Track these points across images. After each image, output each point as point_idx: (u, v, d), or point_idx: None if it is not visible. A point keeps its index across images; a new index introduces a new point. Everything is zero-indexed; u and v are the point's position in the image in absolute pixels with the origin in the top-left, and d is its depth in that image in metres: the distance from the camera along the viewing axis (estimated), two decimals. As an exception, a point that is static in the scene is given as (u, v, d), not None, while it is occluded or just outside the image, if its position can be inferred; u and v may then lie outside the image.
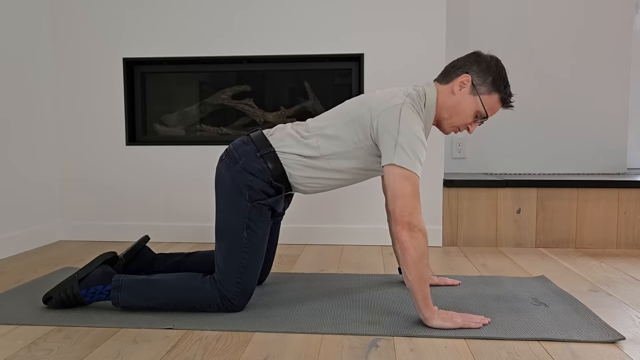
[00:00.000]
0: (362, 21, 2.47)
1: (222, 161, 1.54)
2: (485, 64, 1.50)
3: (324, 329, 1.37)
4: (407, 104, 1.43)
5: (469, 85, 1.49)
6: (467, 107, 1.51)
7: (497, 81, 1.49)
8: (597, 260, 2.22)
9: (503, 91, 1.51)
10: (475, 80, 1.49)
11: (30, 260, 2.21)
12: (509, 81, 1.52)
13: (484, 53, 1.53)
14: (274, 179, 1.49)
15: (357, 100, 1.54)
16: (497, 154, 2.93)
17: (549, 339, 1.30)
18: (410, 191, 1.36)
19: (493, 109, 1.52)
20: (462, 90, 1.50)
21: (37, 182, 2.51)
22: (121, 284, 1.48)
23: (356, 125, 1.47)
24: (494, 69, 1.49)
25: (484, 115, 1.52)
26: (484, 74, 1.49)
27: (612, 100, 2.88)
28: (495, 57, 1.53)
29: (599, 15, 2.85)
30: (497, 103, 1.52)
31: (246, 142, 1.53)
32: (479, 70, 1.49)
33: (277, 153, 1.50)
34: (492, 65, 1.50)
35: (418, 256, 1.34)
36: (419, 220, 1.35)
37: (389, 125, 1.40)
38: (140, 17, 2.56)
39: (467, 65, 1.51)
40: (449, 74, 1.53)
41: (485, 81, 1.49)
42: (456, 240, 2.53)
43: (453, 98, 1.51)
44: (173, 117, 2.70)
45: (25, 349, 1.26)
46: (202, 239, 2.59)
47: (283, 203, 1.60)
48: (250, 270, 1.49)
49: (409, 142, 1.38)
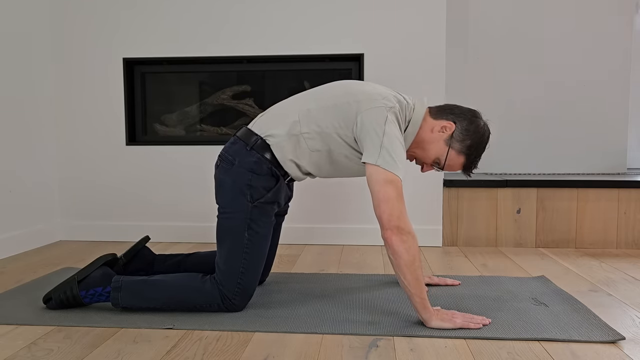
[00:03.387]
0: (362, 21, 2.47)
1: (219, 167, 1.54)
2: (474, 127, 1.51)
3: (324, 329, 1.37)
4: (394, 110, 1.43)
5: (448, 134, 1.50)
6: (434, 150, 1.52)
7: (472, 147, 1.51)
8: (597, 260, 2.22)
9: (471, 160, 1.54)
10: (456, 134, 1.50)
11: (30, 260, 2.21)
12: (481, 155, 1.54)
13: (482, 118, 1.55)
14: (272, 166, 1.49)
15: (344, 87, 1.52)
16: (497, 154, 2.93)
17: (549, 339, 1.30)
18: (395, 195, 1.35)
19: (452, 167, 1.55)
20: (440, 133, 1.51)
21: (37, 182, 2.51)
22: (121, 284, 1.48)
23: (338, 112, 1.46)
24: (478, 136, 1.51)
25: (441, 167, 1.54)
26: (467, 135, 1.50)
27: (612, 100, 2.88)
28: (487, 127, 1.55)
29: (599, 15, 2.85)
30: (459, 165, 1.55)
31: (234, 142, 1.53)
32: (465, 128, 1.50)
33: (264, 138, 1.50)
34: (480, 133, 1.52)
35: (411, 259, 1.34)
36: (407, 223, 1.35)
37: (375, 124, 1.39)
38: (140, 17, 2.56)
39: (460, 117, 1.52)
40: (443, 112, 1.54)
41: (463, 141, 1.50)
42: (456, 240, 2.53)
43: (429, 135, 1.52)
44: (173, 117, 2.70)
45: (25, 349, 1.26)
46: (202, 239, 2.59)
47: (286, 191, 1.59)
48: (251, 271, 1.49)
49: (393, 144, 1.38)
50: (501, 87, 2.91)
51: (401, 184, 1.38)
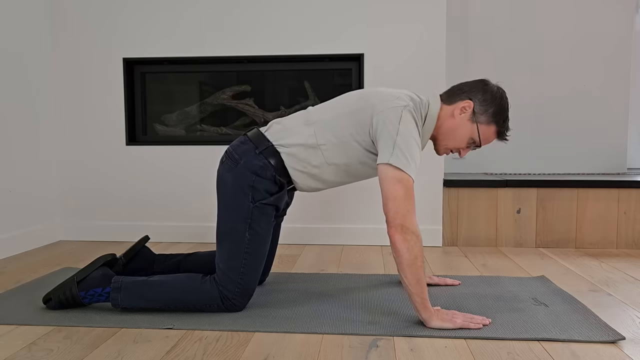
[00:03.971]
0: (362, 21, 2.47)
1: (223, 163, 1.54)
2: (490, 95, 1.50)
3: (324, 329, 1.37)
4: (409, 108, 1.43)
5: (470, 112, 1.49)
6: (464, 133, 1.51)
7: (497, 114, 1.50)
8: (597, 260, 2.22)
9: (502, 125, 1.52)
10: (477, 108, 1.49)
11: (30, 260, 2.21)
12: (509, 115, 1.52)
13: (492, 83, 1.53)
14: (277, 174, 1.49)
15: (359, 94, 1.53)
16: (497, 154, 2.93)
17: (549, 339, 1.30)
18: (402, 193, 1.36)
19: (488, 139, 1.54)
20: (462, 115, 1.50)
21: (37, 182, 2.51)
22: (121, 285, 1.48)
23: (355, 118, 1.47)
24: (497, 100, 1.50)
25: (478, 144, 1.53)
26: (486, 104, 1.49)
27: (612, 100, 2.88)
28: (501, 89, 1.53)
29: (600, 15, 2.85)
30: (493, 135, 1.53)
31: (244, 142, 1.53)
32: (482, 99, 1.49)
33: (276, 146, 1.50)
34: (497, 97, 1.50)
35: (412, 259, 1.34)
36: (412, 223, 1.35)
37: (389, 124, 1.40)
38: (140, 17, 2.56)
39: (472, 92, 1.51)
40: (454, 95, 1.53)
41: (486, 111, 1.49)
42: (456, 240, 2.53)
43: (452, 121, 1.51)
44: (173, 117, 2.70)
45: (25, 349, 1.26)
46: (202, 239, 2.59)
47: (286, 199, 1.59)
48: (251, 271, 1.49)
49: (407, 144, 1.38)
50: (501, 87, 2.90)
51: (411, 183, 1.38)
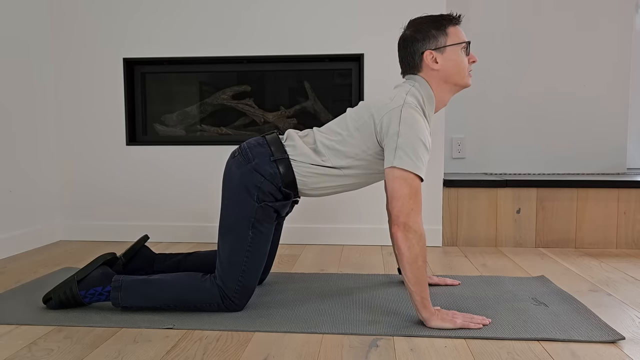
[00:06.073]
0: (362, 21, 2.47)
1: (235, 157, 1.54)
2: (421, 31, 1.49)
3: (324, 329, 1.38)
4: (408, 104, 1.43)
5: (436, 53, 1.49)
6: (452, 64, 1.49)
7: (438, 25, 1.49)
8: (597, 260, 2.22)
9: (447, 22, 1.50)
10: (431, 46, 1.48)
11: (30, 260, 2.21)
12: (438, 14, 1.52)
13: (403, 31, 1.53)
14: (283, 185, 1.49)
15: (359, 108, 1.54)
16: (497, 154, 2.93)
17: (549, 339, 1.30)
18: (407, 192, 1.36)
19: (460, 36, 1.51)
20: (437, 62, 1.49)
21: (37, 182, 2.51)
22: (121, 284, 1.48)
23: (362, 134, 1.48)
24: (426, 24, 1.50)
25: (465, 46, 1.51)
26: (428, 35, 1.48)
27: (612, 100, 2.88)
28: (413, 19, 1.53)
29: (599, 15, 2.85)
30: (455, 31, 1.50)
31: (261, 144, 1.53)
32: (423, 38, 1.49)
33: (291, 161, 1.50)
34: (423, 23, 1.50)
35: (412, 257, 1.34)
36: (416, 222, 1.35)
37: (390, 128, 1.41)
38: (140, 17, 2.56)
39: (415, 46, 1.50)
40: (413, 62, 1.52)
41: (434, 36, 1.48)
42: (456, 240, 2.53)
43: (440, 72, 1.50)
44: (173, 117, 2.70)
45: (25, 349, 1.26)
46: (202, 239, 2.59)
47: (288, 209, 1.60)
48: (252, 269, 1.49)
49: (410, 143, 1.38)
50: (501, 87, 2.91)
51: (418, 182, 1.38)
